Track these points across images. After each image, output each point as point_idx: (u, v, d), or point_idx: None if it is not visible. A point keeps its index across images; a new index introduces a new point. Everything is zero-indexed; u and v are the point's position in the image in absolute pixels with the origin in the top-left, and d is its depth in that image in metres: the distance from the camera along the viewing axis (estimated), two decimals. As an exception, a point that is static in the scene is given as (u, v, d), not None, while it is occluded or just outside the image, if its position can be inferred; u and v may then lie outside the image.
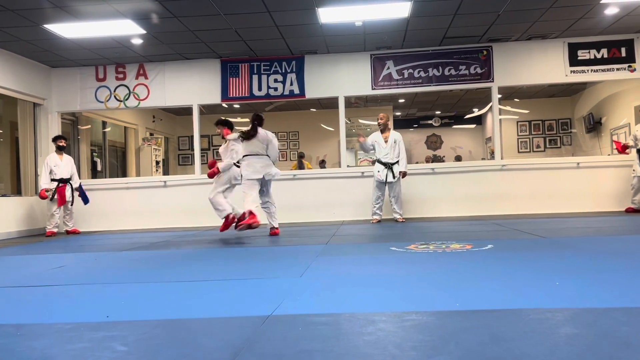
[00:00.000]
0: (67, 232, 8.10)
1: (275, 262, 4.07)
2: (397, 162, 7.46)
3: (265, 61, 8.71)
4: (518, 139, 13.12)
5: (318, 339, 1.92)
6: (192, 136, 9.13)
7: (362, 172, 8.51)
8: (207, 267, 3.99)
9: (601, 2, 6.72)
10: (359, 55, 8.69)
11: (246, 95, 8.74)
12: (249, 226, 5.67)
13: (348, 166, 9.21)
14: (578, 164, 8.35)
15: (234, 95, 8.74)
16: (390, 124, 8.26)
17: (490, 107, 9.01)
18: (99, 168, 10.09)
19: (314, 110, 12.91)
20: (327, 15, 6.90)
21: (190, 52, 8.45)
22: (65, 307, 2.69)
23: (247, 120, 12.98)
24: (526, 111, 12.79)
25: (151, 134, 11.77)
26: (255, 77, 8.70)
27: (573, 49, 8.31)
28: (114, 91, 8.78)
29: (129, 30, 7.17)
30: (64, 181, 7.94)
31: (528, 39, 8.30)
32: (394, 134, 7.60)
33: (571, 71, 8.32)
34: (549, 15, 7.19)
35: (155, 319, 2.30)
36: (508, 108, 12.53)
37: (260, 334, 1.99)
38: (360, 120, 12.83)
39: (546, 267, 3.39)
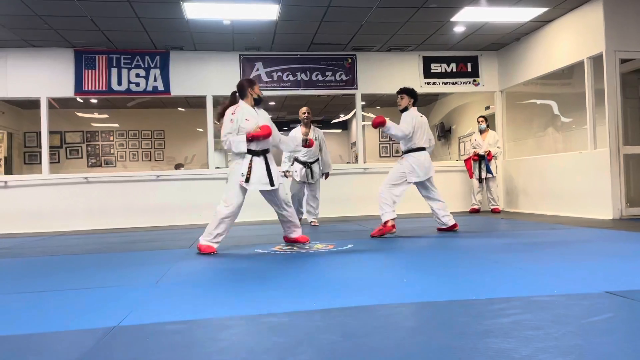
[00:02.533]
0: None
1: (128, 269, 3.81)
2: (317, 160, 6.93)
3: (127, 54, 8.17)
4: (380, 144, 13.89)
5: (167, 348, 1.81)
6: (40, 132, 8.26)
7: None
8: (48, 277, 3.60)
9: (450, 20, 7.37)
10: (228, 54, 8.54)
11: (104, 89, 8.13)
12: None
13: (217, 167, 8.99)
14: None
15: (90, 88, 8.08)
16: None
17: (355, 113, 9.41)
18: None
19: (182, 109, 12.44)
20: (193, 11, 6.67)
21: (39, 40, 7.64)
22: None
23: (106, 116, 12.15)
24: (387, 118, 13.60)
25: (-9, 128, 10.44)
26: (114, 71, 8.13)
27: (427, 62, 9.00)
28: (-59, 78, 7.62)
29: (-39, 8, 6.29)
30: None
31: (388, 50, 8.82)
32: (315, 130, 6.97)
33: (425, 82, 9.00)
34: (406, 29, 7.70)
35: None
36: (371, 115, 13.22)
37: (101, 348, 1.82)
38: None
39: (397, 264, 3.60)
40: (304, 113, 6.89)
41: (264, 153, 4.48)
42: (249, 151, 4.40)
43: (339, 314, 2.19)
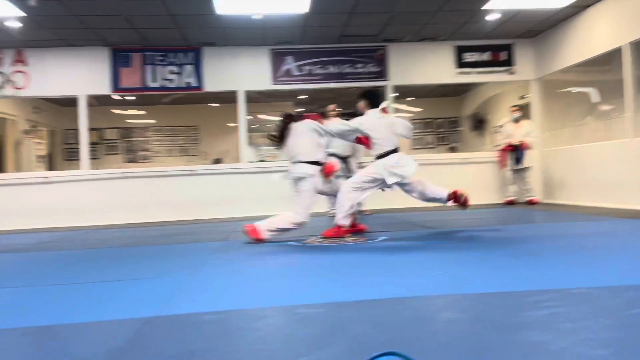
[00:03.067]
0: None
1: (166, 261, 3.90)
2: (349, 155, 6.79)
3: (160, 51, 8.32)
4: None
5: (203, 338, 1.85)
6: (79, 129, 8.50)
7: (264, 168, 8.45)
8: (89, 269, 3.72)
9: (483, 8, 7.21)
10: (259, 49, 8.59)
11: (139, 86, 8.30)
12: None
13: (249, 162, 9.08)
14: (464, 159, 8.93)
15: (126, 86, 8.27)
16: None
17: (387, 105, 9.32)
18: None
19: (215, 105, 12.60)
20: (223, 6, 6.73)
21: (76, 39, 7.85)
22: None
23: (142, 113, 12.41)
24: (419, 109, 13.44)
25: (34, 126, 10.81)
26: (149, 68, 8.29)
27: (460, 52, 8.84)
28: (-13, 78, 7.93)
29: (5, 11, 6.51)
30: None
31: (420, 40, 8.70)
32: None
33: (458, 72, 8.85)
34: (438, 18, 7.58)
35: (24, 327, 2.09)
36: (403, 106, 13.08)
37: (140, 337, 1.88)
38: (260, 116, 12.72)
39: (432, 256, 3.56)
40: (331, 109, 6.95)
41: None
42: None
43: (372, 305, 2.19)
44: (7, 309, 2.49)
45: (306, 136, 4.72)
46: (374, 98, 5.04)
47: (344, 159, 6.79)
